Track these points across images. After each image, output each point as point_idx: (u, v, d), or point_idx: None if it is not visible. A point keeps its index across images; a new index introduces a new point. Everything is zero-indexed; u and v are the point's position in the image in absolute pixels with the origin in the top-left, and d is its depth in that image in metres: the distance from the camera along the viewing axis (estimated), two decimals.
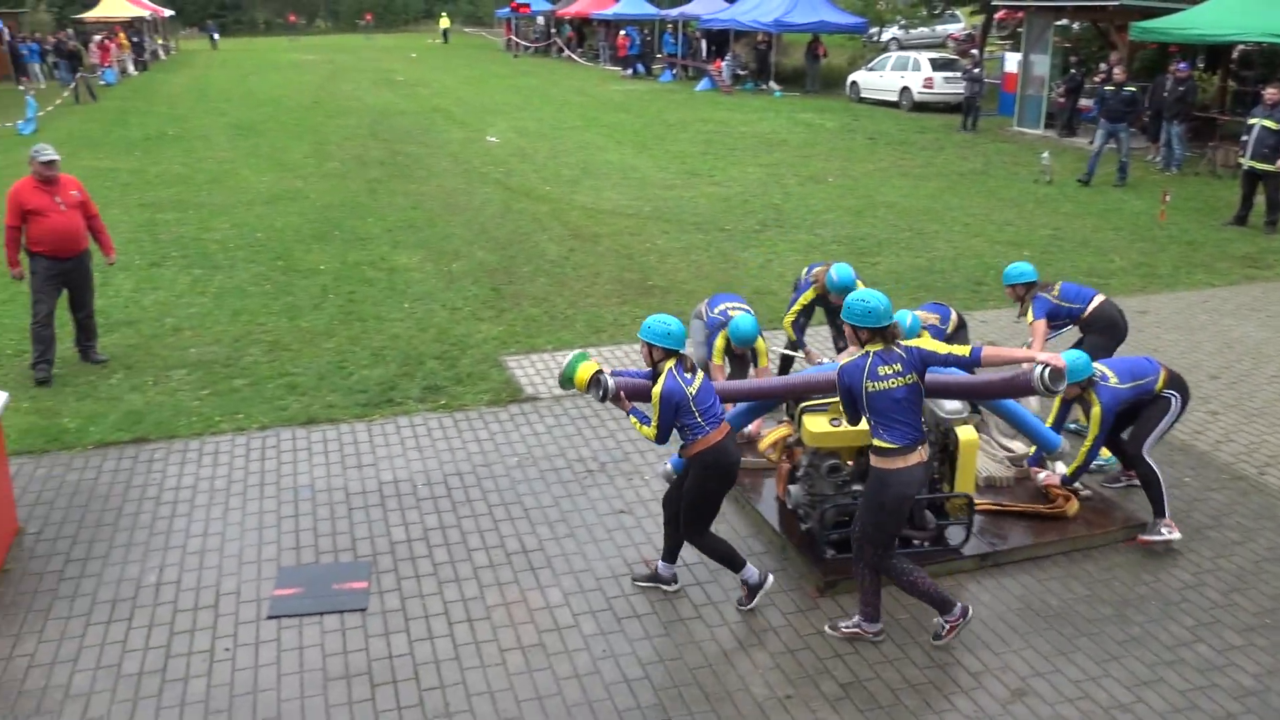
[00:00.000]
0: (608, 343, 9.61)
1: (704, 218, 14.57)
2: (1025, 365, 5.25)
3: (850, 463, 5.93)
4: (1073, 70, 22.24)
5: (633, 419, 5.33)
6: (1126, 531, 6.27)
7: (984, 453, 6.84)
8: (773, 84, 32.00)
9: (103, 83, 33.55)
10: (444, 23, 65.58)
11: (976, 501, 6.18)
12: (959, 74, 25.73)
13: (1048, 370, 5.02)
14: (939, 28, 39.26)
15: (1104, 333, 7.52)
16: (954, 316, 7.61)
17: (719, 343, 7.32)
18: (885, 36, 38.95)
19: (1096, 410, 5.95)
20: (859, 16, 33.31)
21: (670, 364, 5.22)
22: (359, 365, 8.94)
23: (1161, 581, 5.87)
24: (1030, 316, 7.47)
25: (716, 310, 7.46)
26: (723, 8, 35.49)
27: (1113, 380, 6.08)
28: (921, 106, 26.91)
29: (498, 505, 6.66)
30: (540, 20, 52.51)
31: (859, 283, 7.60)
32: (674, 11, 38.35)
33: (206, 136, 22.34)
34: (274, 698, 4.87)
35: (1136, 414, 6.27)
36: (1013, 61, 24.59)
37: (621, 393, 5.36)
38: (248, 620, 5.44)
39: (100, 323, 9.16)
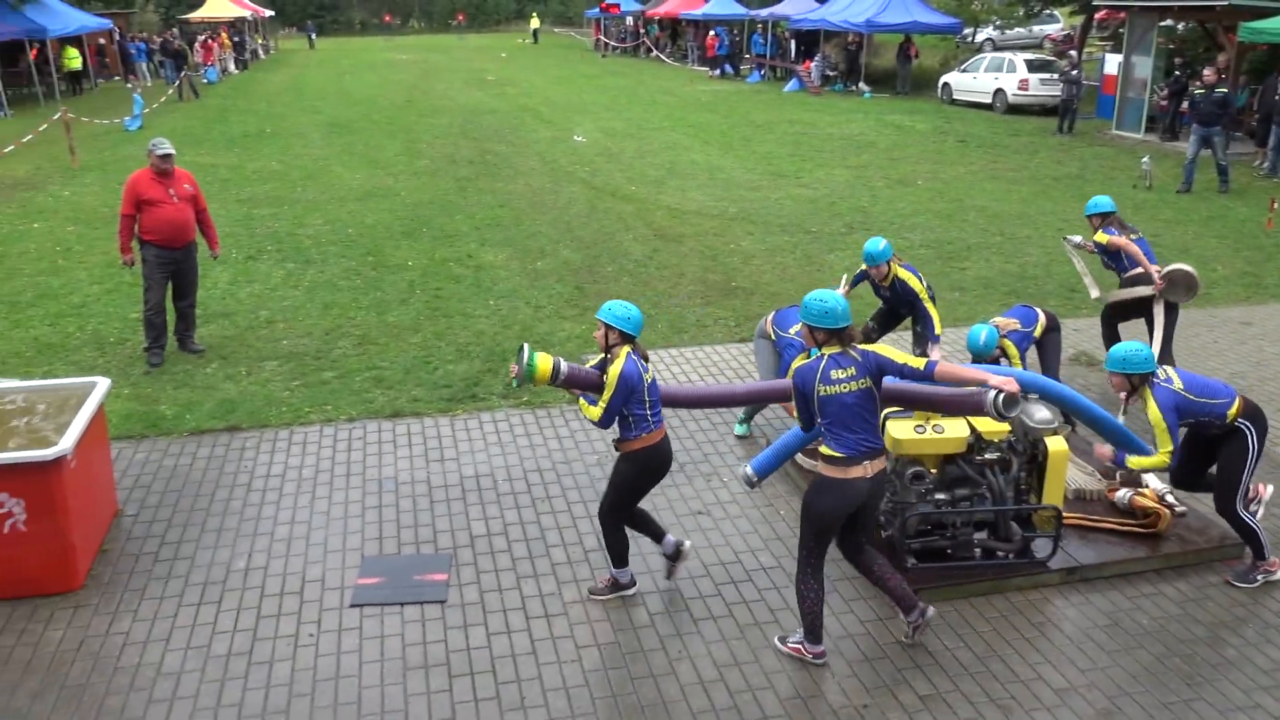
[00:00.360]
0: (689, 344, 9.59)
1: (789, 219, 14.46)
2: (978, 387, 5.05)
3: (934, 470, 5.83)
4: (1177, 73, 21.52)
5: (581, 401, 5.34)
6: (1222, 551, 6.04)
7: (1073, 464, 6.67)
8: (862, 85, 31.61)
9: (205, 81, 34.63)
10: (534, 23, 66.30)
11: (1065, 514, 6.01)
12: (1056, 75, 25.09)
13: (1001, 396, 4.90)
14: (1036, 28, 38.35)
15: None
16: (1041, 318, 7.43)
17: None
18: (980, 37, 38.21)
19: (1154, 410, 5.51)
20: (953, 17, 32.70)
21: (627, 349, 5.23)
22: (444, 360, 9.08)
23: (1259, 604, 5.64)
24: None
25: (791, 331, 6.98)
26: (813, 8, 35.16)
27: (1177, 384, 5.61)
28: (1016, 109, 26.31)
29: (577, 503, 6.69)
30: (629, 20, 52.68)
31: (892, 261, 7.71)
32: (764, 12, 38.12)
33: (302, 134, 22.91)
34: (355, 684, 4.97)
35: (1211, 449, 5.84)
36: (1113, 63, 23.87)
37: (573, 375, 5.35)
38: (331, 607, 5.57)
39: (198, 314, 9.46)
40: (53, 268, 11.92)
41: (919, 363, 4.89)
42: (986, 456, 5.78)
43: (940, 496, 5.79)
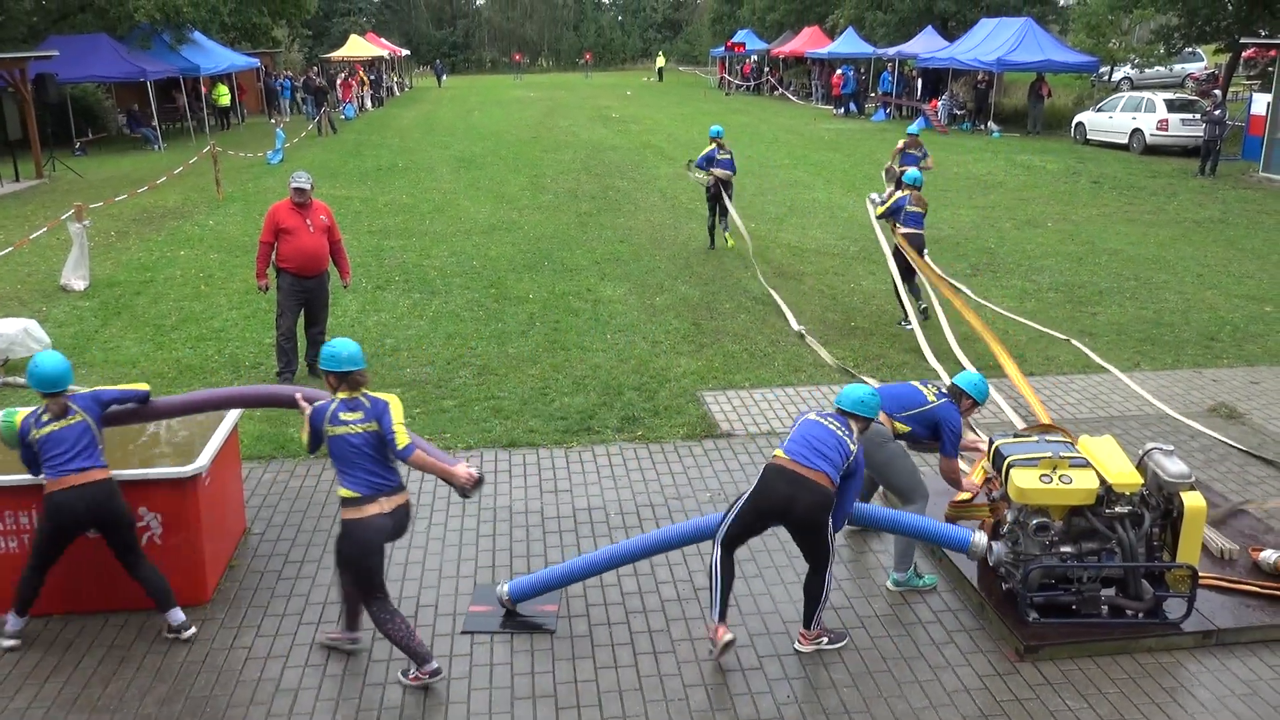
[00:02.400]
0: (806, 383, 9.49)
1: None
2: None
3: (1059, 522, 5.60)
4: None
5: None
6: None
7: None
8: (991, 124, 31.01)
9: (343, 117, 36.10)
10: (660, 61, 67.25)
11: (1202, 575, 5.71)
12: (1197, 115, 24.17)
13: (464, 486, 5.20)
14: (1177, 67, 37.05)
15: None
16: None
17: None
18: (1116, 76, 37.11)
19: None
20: (1089, 55, 31.86)
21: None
22: (560, 393, 9.18)
23: None
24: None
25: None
26: (942, 46, 34.73)
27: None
28: (1154, 150, 25.40)
29: None
30: (754, 58, 52.93)
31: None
32: (891, 50, 37.82)
33: (431, 168, 23.63)
34: (464, 711, 5.02)
35: None
36: (1261, 102, 22.87)
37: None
38: (443, 633, 5.65)
39: (328, 341, 9.78)
40: (196, 293, 12.54)
41: (403, 439, 5.05)
42: (1117, 509, 5.54)
43: (1066, 549, 5.57)
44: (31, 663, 5.39)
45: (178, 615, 5.55)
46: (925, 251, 11.13)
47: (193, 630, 5.58)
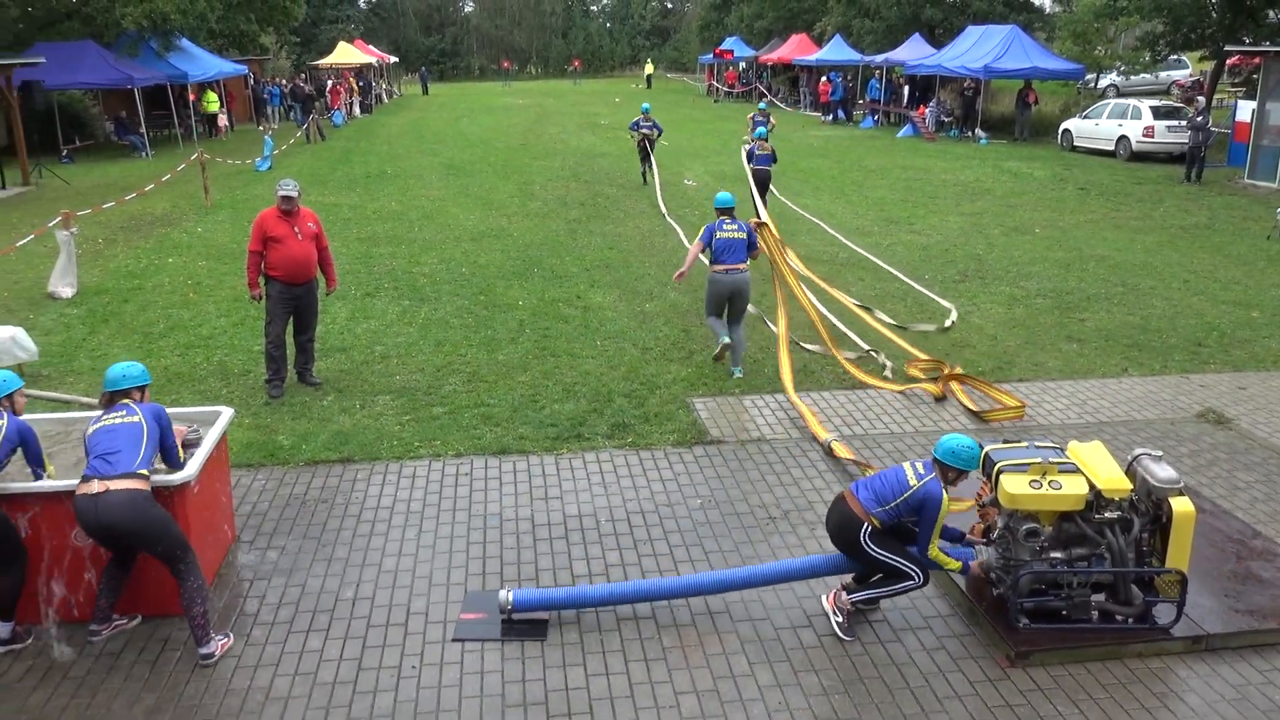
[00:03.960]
0: (798, 389, 9.49)
1: (901, 266, 14.26)
2: None
3: (1049, 527, 5.62)
4: None
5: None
6: None
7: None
8: (978, 131, 31.15)
9: (332, 124, 36.04)
10: (648, 69, 67.39)
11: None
12: (1183, 122, 24.33)
13: None
14: (1162, 74, 37.26)
15: None
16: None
17: None
18: (1102, 83, 37.32)
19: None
20: (1075, 62, 32.04)
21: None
22: (551, 399, 9.18)
23: None
24: None
25: None
26: (930, 53, 34.88)
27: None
28: (1140, 156, 25.56)
29: (679, 546, 6.66)
30: (742, 65, 53.07)
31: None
32: (879, 57, 37.97)
33: (420, 175, 23.61)
34: (454, 718, 5.00)
35: None
36: (1246, 109, 23.04)
37: None
38: (434, 641, 5.63)
39: (317, 348, 9.76)
40: (184, 301, 12.49)
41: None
42: (1106, 515, 5.56)
43: (1056, 555, 5.59)
44: (19, 673, 5.35)
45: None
46: (770, 184, 17.65)
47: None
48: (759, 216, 12.10)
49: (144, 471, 5.32)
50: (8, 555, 5.40)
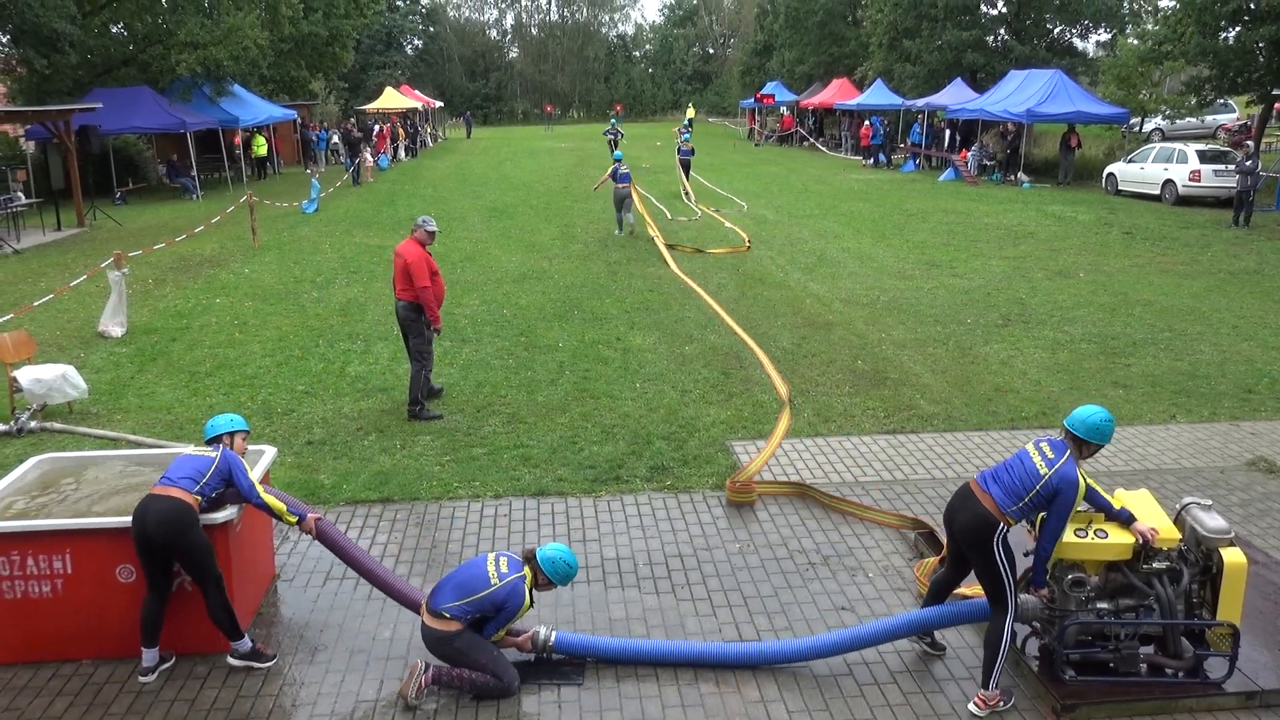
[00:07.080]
0: (835, 433, 9.44)
1: (942, 310, 14.17)
2: None
3: (1095, 577, 5.51)
4: None
5: None
6: None
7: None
8: (1021, 175, 31.00)
9: (378, 168, 36.63)
10: (690, 113, 67.86)
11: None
12: (1230, 166, 24.07)
13: None
14: (1209, 118, 36.98)
15: None
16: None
17: None
18: (1147, 127, 37.06)
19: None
20: (1119, 106, 31.87)
21: None
22: (589, 441, 9.18)
23: None
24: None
25: None
26: (972, 97, 34.86)
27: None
28: (1186, 200, 25.29)
29: (716, 591, 6.60)
30: (784, 110, 53.35)
31: None
32: (920, 101, 38.01)
33: (463, 218, 23.89)
34: None
35: None
36: None
37: None
38: None
39: (359, 389, 9.87)
40: (230, 340, 12.69)
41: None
42: (1154, 565, 5.44)
43: (1103, 605, 5.47)
44: (61, 708, 5.40)
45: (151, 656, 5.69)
46: (690, 170, 26.66)
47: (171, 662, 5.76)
48: (684, 189, 17.60)
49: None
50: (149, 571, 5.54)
